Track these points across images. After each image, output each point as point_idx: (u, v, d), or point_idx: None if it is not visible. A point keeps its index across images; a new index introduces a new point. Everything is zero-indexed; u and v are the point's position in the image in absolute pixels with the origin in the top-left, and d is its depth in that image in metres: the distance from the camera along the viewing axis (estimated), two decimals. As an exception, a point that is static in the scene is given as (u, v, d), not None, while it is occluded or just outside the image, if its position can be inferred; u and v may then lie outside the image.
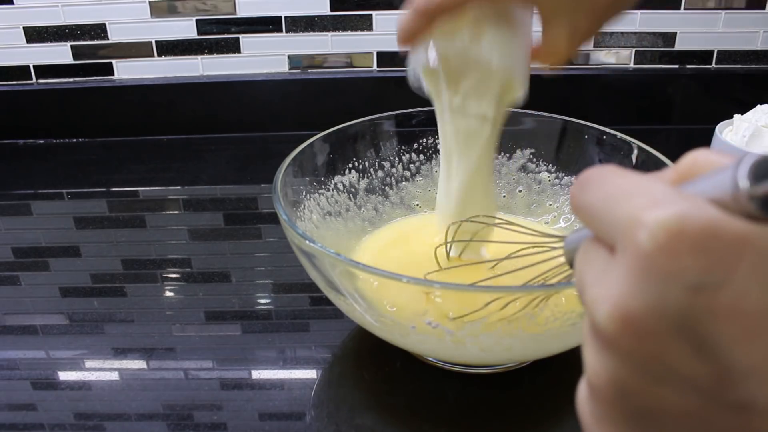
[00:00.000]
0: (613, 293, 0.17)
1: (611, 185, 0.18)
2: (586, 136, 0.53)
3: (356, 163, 0.55)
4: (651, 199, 0.17)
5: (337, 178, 0.54)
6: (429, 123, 0.56)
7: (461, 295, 0.36)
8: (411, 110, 0.55)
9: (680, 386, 0.17)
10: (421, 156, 0.57)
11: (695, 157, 0.19)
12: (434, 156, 0.57)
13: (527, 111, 0.55)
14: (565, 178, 0.55)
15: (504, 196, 0.57)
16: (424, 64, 0.40)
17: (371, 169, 0.56)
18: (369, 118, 0.55)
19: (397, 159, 0.57)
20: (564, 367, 0.44)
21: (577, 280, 0.20)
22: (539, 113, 0.55)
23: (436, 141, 0.56)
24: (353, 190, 0.54)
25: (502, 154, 0.57)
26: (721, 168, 0.17)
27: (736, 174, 0.16)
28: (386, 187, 0.56)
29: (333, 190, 0.53)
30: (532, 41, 0.38)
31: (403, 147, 0.57)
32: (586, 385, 0.19)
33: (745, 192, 0.15)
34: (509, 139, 0.56)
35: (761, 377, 0.16)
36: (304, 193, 0.50)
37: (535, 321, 0.36)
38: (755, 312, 0.16)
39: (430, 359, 0.44)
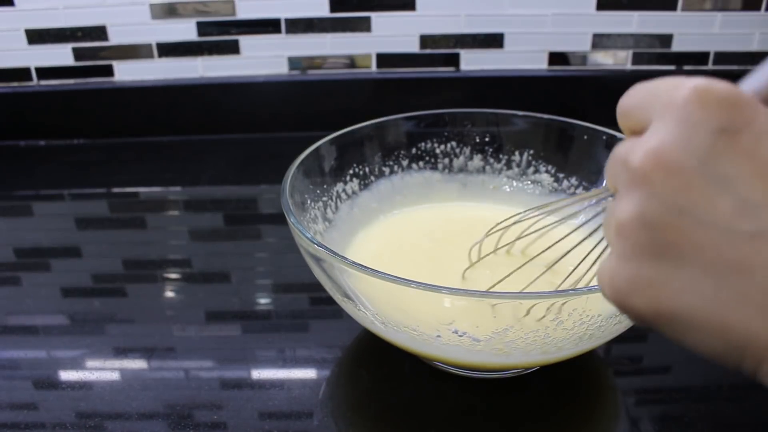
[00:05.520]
0: (648, 142, 0.21)
1: (656, 82, 0.22)
2: (585, 137, 0.54)
3: (358, 169, 0.55)
4: (688, 78, 0.21)
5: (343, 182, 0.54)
6: (435, 125, 0.57)
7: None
8: (417, 113, 0.56)
9: (700, 218, 0.20)
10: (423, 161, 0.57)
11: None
12: (435, 161, 0.57)
13: (525, 113, 0.56)
14: (565, 181, 0.56)
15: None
16: None
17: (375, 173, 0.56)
18: (375, 121, 0.54)
19: (399, 165, 0.57)
20: (567, 370, 0.44)
21: (609, 158, 0.23)
22: (537, 114, 0.56)
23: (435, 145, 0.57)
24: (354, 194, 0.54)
25: (501, 155, 0.57)
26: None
27: None
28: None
29: (336, 198, 0.53)
30: None
31: (408, 151, 0.57)
32: (614, 228, 0.22)
33: None
34: (507, 141, 0.57)
35: None
36: (311, 198, 0.50)
37: (563, 326, 0.35)
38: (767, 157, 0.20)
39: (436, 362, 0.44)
